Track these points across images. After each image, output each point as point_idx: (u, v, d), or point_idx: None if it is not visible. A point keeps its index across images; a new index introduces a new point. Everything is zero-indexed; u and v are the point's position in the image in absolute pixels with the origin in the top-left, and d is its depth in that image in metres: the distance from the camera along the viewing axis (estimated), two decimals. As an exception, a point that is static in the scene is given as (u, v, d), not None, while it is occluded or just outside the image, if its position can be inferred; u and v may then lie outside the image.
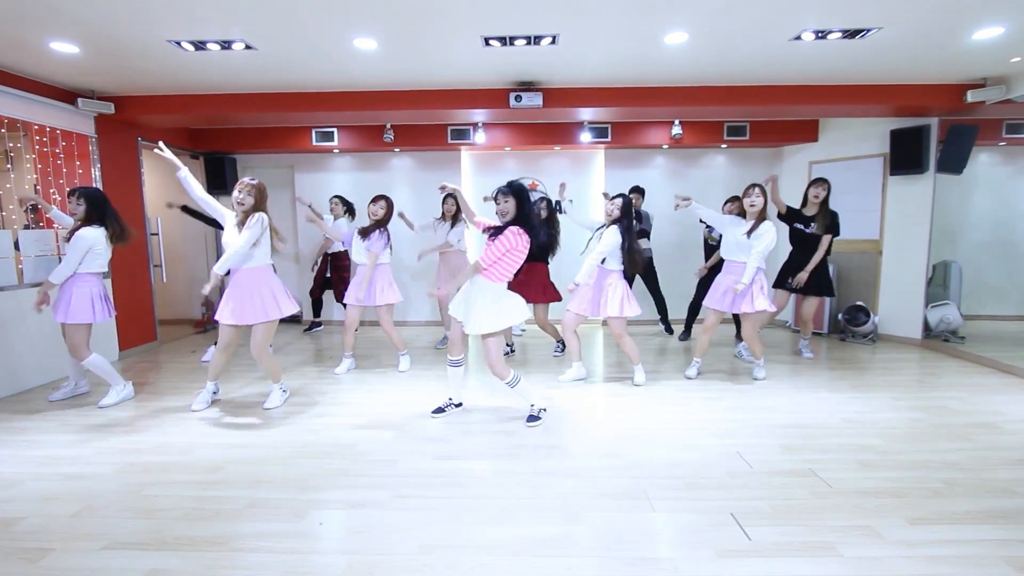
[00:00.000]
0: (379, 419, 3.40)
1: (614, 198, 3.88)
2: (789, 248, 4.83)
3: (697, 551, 1.99)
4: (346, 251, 5.85)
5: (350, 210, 6.01)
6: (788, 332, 6.04)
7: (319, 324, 6.55)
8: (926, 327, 5.29)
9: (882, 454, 2.80)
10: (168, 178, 6.52)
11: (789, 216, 4.71)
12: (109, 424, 3.37)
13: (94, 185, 4.82)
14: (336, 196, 5.98)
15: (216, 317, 3.45)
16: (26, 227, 4.31)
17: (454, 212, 5.15)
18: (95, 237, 3.56)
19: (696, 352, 4.26)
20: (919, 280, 5.30)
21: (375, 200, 4.34)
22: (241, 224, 3.34)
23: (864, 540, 2.04)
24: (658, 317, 5.95)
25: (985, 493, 2.39)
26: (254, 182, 3.38)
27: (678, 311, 6.08)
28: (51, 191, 4.50)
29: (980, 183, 5.41)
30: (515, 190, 2.89)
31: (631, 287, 4.10)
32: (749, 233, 3.90)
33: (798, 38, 3.67)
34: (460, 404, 3.54)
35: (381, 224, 4.32)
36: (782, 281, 4.79)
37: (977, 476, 2.55)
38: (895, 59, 4.12)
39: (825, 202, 4.63)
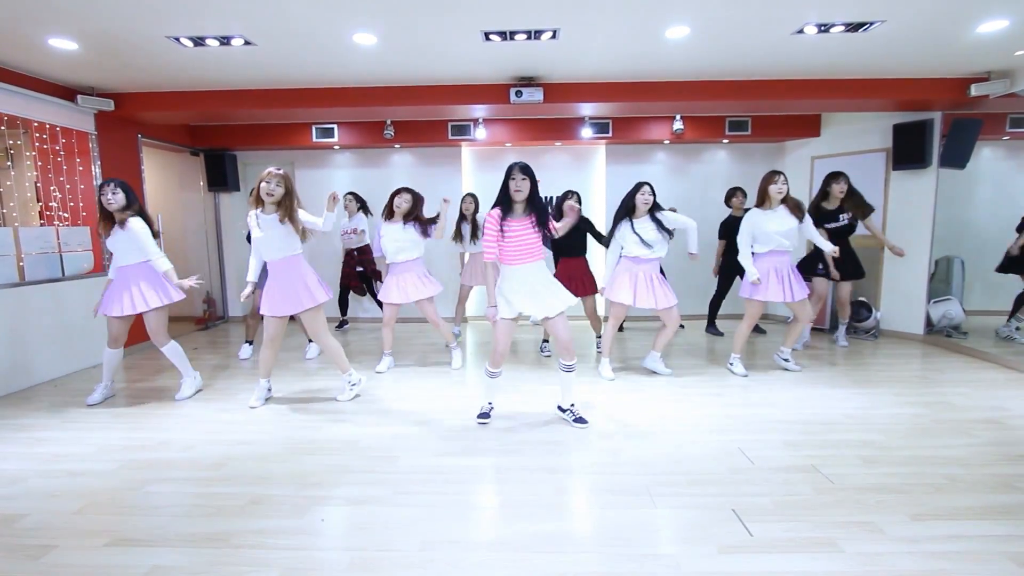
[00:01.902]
0: (381, 416, 3.41)
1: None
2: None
3: (699, 547, 1.99)
4: (367, 246, 5.89)
5: (364, 207, 6.01)
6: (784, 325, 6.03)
7: (346, 322, 6.42)
8: (929, 323, 5.28)
9: (884, 450, 2.80)
10: (167, 175, 6.56)
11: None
12: (111, 421, 3.38)
13: (95, 182, 4.82)
14: (350, 192, 5.98)
15: (260, 311, 3.46)
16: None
17: (473, 210, 5.25)
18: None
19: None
20: (922, 275, 5.28)
21: (399, 192, 4.31)
22: (282, 219, 3.31)
23: (866, 536, 2.04)
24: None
25: (987, 489, 2.39)
26: (281, 172, 3.31)
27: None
28: (51, 188, 4.50)
29: (983, 178, 5.38)
30: (529, 172, 3.14)
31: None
32: (800, 220, 4.00)
33: (800, 32, 3.65)
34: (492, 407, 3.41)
35: (412, 215, 4.31)
36: (812, 270, 4.79)
37: (979, 472, 2.55)
38: (898, 53, 4.09)
39: (850, 191, 4.68)
